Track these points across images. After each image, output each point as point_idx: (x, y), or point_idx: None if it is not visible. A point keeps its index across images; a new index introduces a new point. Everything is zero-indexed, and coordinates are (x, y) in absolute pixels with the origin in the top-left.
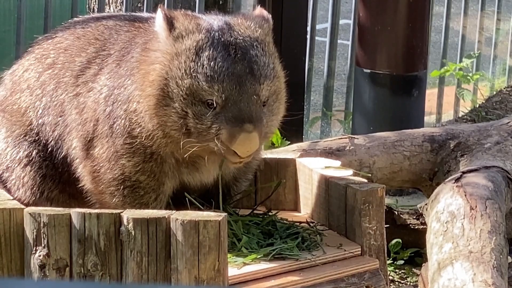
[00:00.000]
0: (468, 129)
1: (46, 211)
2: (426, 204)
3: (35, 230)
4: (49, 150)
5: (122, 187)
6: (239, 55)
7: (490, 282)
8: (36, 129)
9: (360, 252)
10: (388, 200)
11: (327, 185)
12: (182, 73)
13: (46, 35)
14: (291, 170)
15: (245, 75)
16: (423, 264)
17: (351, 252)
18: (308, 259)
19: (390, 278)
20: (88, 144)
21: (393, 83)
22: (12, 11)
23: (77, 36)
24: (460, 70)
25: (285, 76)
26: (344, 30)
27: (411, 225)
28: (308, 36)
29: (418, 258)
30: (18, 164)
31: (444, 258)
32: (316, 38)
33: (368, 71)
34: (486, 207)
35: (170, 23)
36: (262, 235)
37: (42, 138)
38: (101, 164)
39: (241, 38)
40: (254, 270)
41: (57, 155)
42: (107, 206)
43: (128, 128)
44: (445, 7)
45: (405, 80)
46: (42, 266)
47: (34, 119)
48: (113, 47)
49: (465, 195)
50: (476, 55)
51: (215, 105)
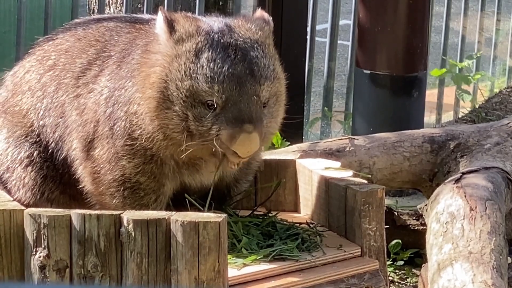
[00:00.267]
0: (468, 130)
1: (46, 212)
2: (426, 205)
3: (35, 231)
4: (49, 151)
5: (122, 188)
6: (239, 57)
7: (490, 282)
8: (37, 130)
9: (360, 253)
10: (388, 201)
11: (327, 186)
12: (182, 75)
13: (47, 36)
14: (291, 171)
15: (245, 76)
16: (423, 265)
17: (351, 253)
18: (308, 260)
19: (390, 278)
20: (89, 145)
21: (393, 83)
22: (12, 12)
23: (78, 37)
24: (460, 71)
25: (285, 77)
26: (344, 31)
27: (411, 226)
28: (308, 37)
29: (418, 259)
30: (19, 165)
31: (444, 259)
32: (316, 38)
33: (368, 72)
34: (486, 208)
35: (171, 26)
36: (262, 236)
37: (43, 139)
38: (101, 165)
39: (241, 40)
40: (254, 271)
41: (57, 156)
42: (107, 207)
43: (129, 129)
44: (445, 7)
45: (405, 80)
46: (42, 267)
47: (35, 121)
48: (113, 48)
49: (465, 196)
50: (478, 55)
51: (215, 106)
